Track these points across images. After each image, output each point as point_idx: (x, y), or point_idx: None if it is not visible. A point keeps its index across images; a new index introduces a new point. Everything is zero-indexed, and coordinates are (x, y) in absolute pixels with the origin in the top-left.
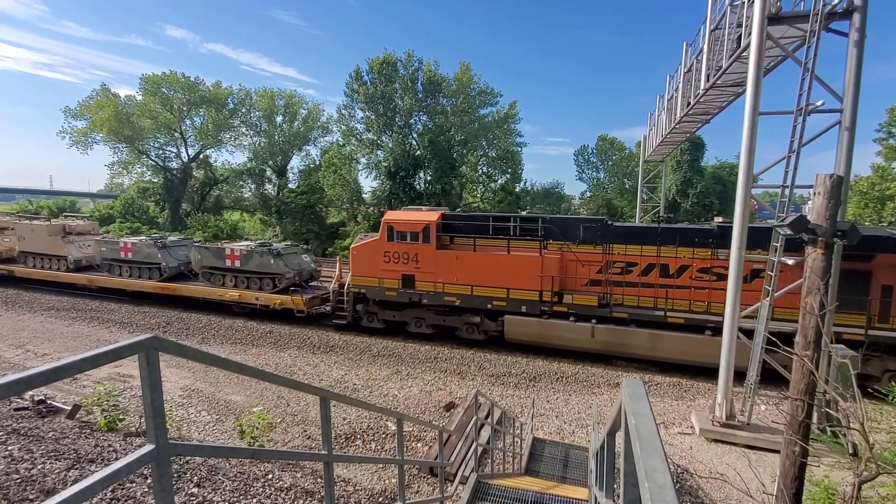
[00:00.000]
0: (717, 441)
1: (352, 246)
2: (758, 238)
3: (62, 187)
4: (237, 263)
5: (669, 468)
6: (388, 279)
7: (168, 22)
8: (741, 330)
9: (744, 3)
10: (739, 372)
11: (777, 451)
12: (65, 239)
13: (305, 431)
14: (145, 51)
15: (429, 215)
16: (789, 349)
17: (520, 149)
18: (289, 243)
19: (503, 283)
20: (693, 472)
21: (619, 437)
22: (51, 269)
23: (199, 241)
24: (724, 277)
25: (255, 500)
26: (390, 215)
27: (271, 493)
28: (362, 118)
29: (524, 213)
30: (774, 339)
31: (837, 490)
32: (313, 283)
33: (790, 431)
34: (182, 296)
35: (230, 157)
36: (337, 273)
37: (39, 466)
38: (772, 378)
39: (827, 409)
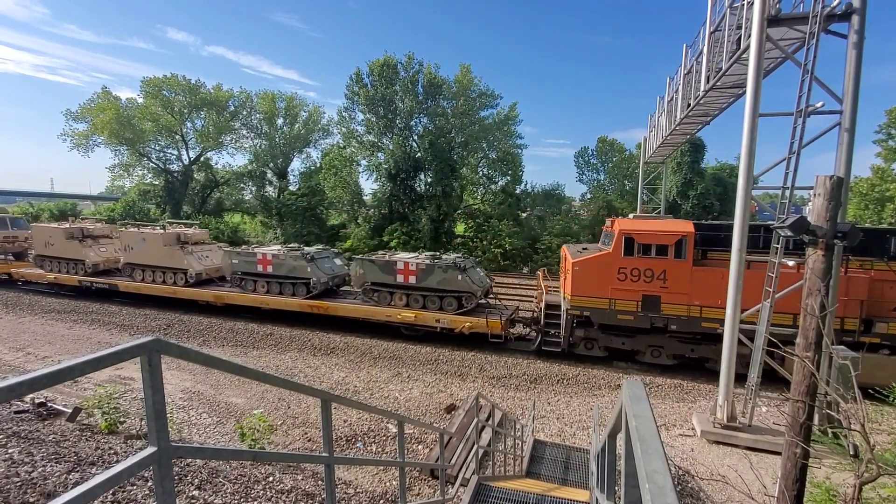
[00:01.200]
0: (718, 443)
1: (572, 260)
2: None
3: (63, 190)
4: (412, 280)
5: (670, 470)
6: (622, 300)
7: (169, 25)
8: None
9: (743, 4)
10: (740, 373)
11: (778, 453)
12: (184, 249)
13: (306, 434)
14: (147, 53)
15: (679, 225)
16: (790, 351)
17: (520, 151)
18: (462, 256)
19: (787, 308)
20: (694, 474)
21: (621, 439)
22: (164, 283)
23: (361, 254)
24: None
25: (255, 503)
26: (625, 224)
27: (272, 496)
28: (363, 120)
29: (524, 215)
30: (775, 341)
31: (839, 492)
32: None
33: (791, 433)
34: (333, 315)
35: (231, 159)
36: (542, 290)
37: (40, 469)
38: (773, 379)
39: (828, 411)
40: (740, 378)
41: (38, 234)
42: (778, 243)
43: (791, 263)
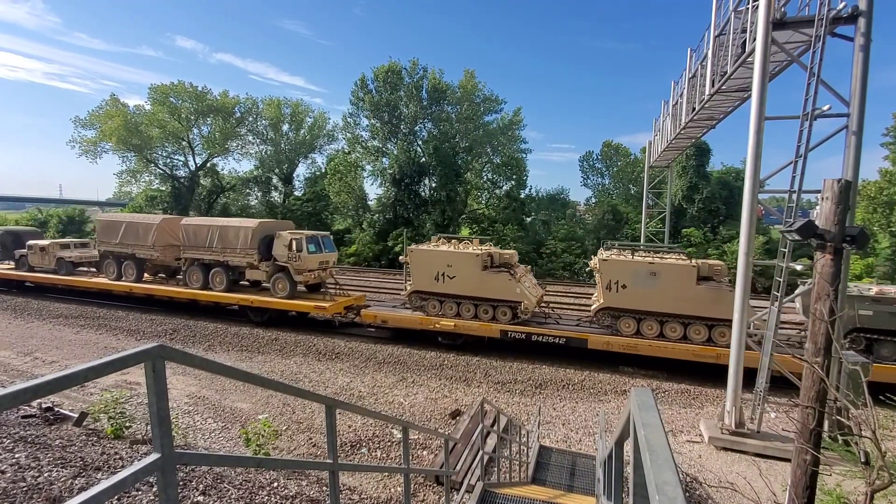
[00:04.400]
0: (726, 449)
1: None
2: None
3: (71, 196)
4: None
5: (680, 480)
6: None
7: (178, 33)
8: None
9: (748, 8)
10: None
11: (788, 460)
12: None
13: (311, 439)
14: (155, 61)
15: None
16: (799, 356)
17: (524, 155)
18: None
19: None
20: (702, 482)
21: (628, 446)
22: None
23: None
24: None
25: None
26: None
27: (277, 502)
28: (367, 126)
29: (529, 219)
30: (783, 346)
31: (850, 499)
32: None
33: (801, 439)
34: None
35: (237, 165)
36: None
37: (46, 474)
38: (781, 385)
39: (838, 417)
40: (748, 383)
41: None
42: (785, 247)
43: (799, 268)
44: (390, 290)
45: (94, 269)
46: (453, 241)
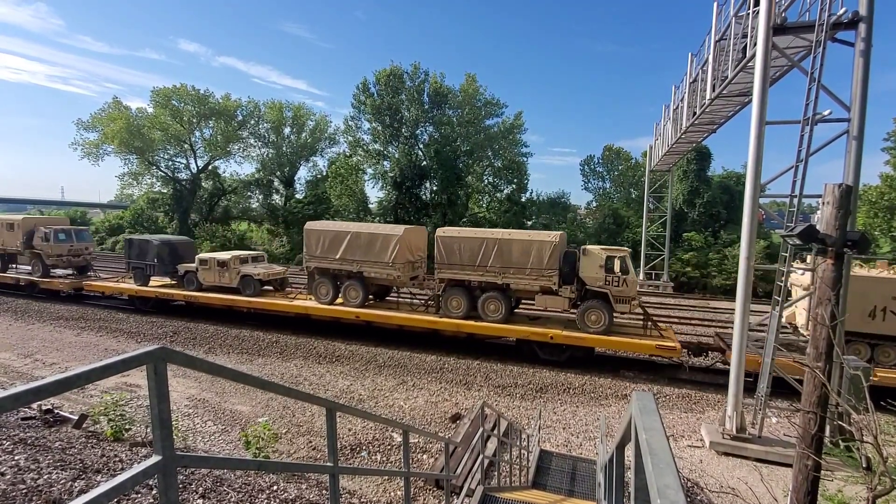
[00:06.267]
0: (727, 454)
1: None
2: None
3: (73, 198)
4: None
5: (682, 484)
6: None
7: (182, 36)
8: None
9: (749, 13)
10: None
11: (789, 465)
12: None
13: (311, 442)
14: (158, 64)
15: None
16: (800, 360)
17: (525, 159)
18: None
19: None
20: (703, 486)
21: (629, 451)
22: None
23: None
24: None
25: None
26: None
27: None
28: (369, 129)
29: (530, 223)
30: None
31: None
32: None
33: (802, 445)
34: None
35: (238, 167)
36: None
37: (45, 476)
38: (783, 390)
39: (840, 422)
40: (750, 388)
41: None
42: (787, 252)
43: (801, 272)
44: None
45: (269, 288)
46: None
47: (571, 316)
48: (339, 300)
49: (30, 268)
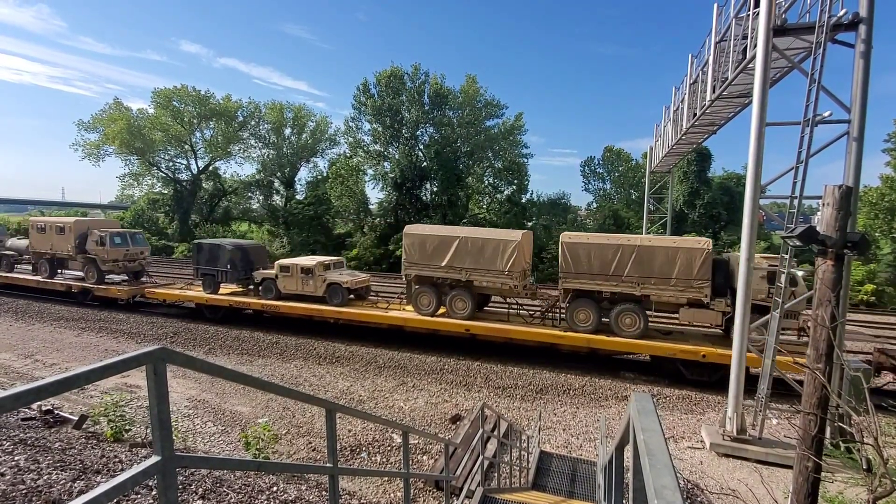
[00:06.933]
0: (727, 456)
1: None
2: None
3: (74, 199)
4: None
5: (679, 485)
6: None
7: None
8: None
9: (749, 15)
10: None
11: (789, 467)
12: None
13: (310, 443)
14: (160, 65)
15: None
16: (801, 362)
17: (526, 160)
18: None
19: None
20: (703, 488)
21: (628, 452)
22: None
23: None
24: None
25: None
26: None
27: None
28: (369, 130)
29: (530, 224)
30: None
31: None
32: None
33: (803, 446)
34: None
35: (239, 168)
36: None
37: (45, 477)
38: (783, 391)
39: (840, 424)
40: (750, 390)
41: None
42: (787, 253)
43: (801, 273)
44: None
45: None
46: None
47: (708, 330)
48: (442, 310)
49: (80, 273)
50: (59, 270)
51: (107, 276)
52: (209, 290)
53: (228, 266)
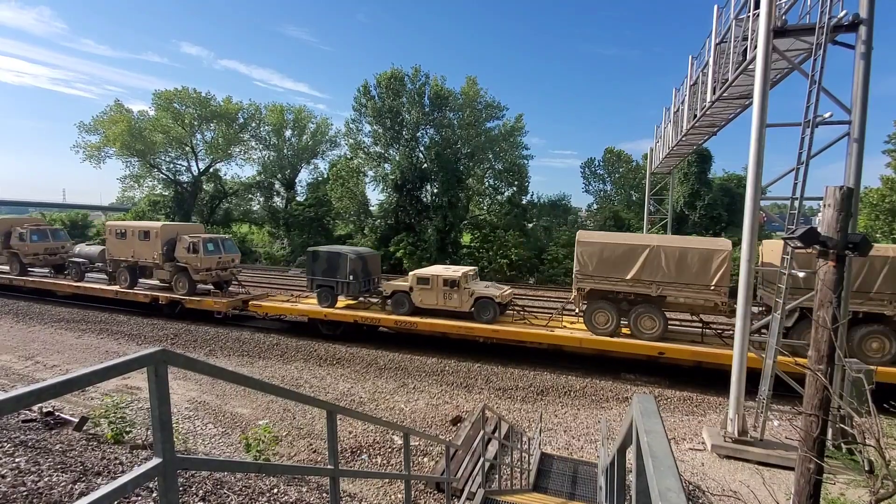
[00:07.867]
0: (729, 457)
1: None
2: None
3: (75, 200)
4: None
5: (683, 487)
6: None
7: (184, 39)
8: None
9: (749, 16)
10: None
11: (791, 468)
12: None
13: (311, 445)
14: (161, 67)
15: None
16: (802, 364)
17: (526, 161)
18: None
19: None
20: (705, 490)
21: (630, 454)
22: None
23: None
24: None
25: None
26: None
27: None
28: (370, 132)
29: (531, 225)
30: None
31: None
32: None
33: (804, 448)
34: None
35: (239, 170)
36: None
37: (46, 479)
38: (785, 393)
39: (842, 425)
40: (751, 391)
41: None
42: (788, 254)
43: (801, 275)
44: None
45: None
46: None
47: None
48: (625, 331)
49: (164, 283)
50: (142, 279)
51: (197, 286)
52: (325, 303)
53: (351, 276)
